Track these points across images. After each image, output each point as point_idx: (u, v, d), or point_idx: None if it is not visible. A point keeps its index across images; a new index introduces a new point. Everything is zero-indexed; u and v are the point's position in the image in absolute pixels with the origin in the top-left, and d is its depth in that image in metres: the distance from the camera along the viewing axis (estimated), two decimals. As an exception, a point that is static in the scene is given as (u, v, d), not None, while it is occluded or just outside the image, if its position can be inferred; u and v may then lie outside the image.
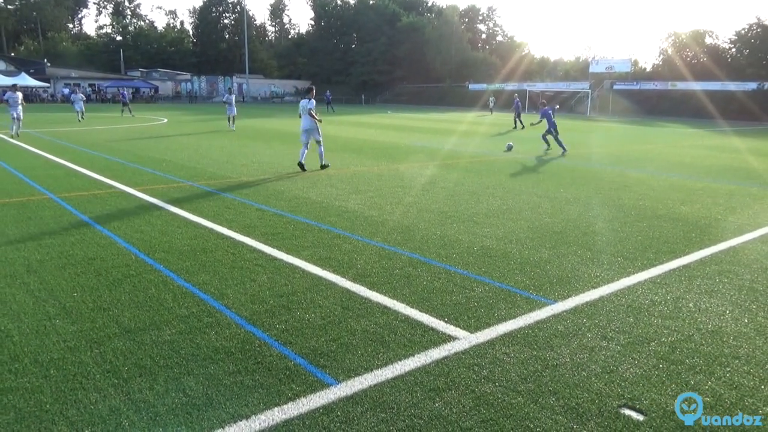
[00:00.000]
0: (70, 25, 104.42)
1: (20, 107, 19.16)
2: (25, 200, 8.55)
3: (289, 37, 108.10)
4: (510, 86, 68.14)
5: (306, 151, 12.18)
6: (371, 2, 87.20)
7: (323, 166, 12.44)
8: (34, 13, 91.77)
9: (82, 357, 3.63)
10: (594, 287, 5.12)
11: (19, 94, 19.30)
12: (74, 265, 5.43)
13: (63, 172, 11.47)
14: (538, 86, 65.36)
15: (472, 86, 71.91)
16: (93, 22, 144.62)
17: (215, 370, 3.50)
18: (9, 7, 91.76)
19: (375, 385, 3.36)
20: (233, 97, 24.75)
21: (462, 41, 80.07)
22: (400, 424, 2.98)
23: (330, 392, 3.28)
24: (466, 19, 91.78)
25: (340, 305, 4.57)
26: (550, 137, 17.83)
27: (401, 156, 15.72)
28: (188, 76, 78.51)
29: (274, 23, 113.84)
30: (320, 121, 12.33)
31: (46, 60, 72.20)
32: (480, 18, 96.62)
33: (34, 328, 4.05)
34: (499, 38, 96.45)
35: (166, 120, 31.70)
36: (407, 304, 4.60)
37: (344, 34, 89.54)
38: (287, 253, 5.92)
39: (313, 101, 12.13)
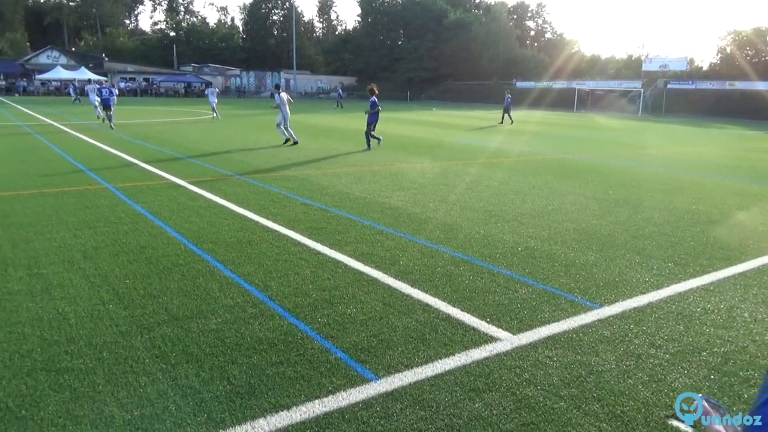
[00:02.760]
0: (127, 21, 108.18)
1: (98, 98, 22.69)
2: (84, 189, 8.92)
3: (336, 33, 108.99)
4: (558, 84, 66.78)
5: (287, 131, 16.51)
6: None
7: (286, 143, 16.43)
8: (94, 9, 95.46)
9: (133, 342, 3.76)
10: (642, 293, 4.97)
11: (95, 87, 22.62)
12: (127, 253, 5.63)
13: (118, 163, 11.91)
14: (588, 84, 63.82)
15: (520, 84, 70.78)
16: (148, 18, 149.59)
17: (258, 360, 3.57)
18: (71, 3, 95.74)
19: (415, 383, 3.36)
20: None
21: (510, 38, 78.85)
22: (439, 423, 2.98)
23: (370, 387, 3.29)
24: (515, 16, 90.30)
25: (382, 302, 4.58)
26: None
27: (446, 153, 15.63)
28: (237, 71, 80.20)
29: (321, 19, 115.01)
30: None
31: (104, 55, 75.04)
32: (529, 15, 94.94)
33: (89, 312, 4.23)
34: (548, 35, 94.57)
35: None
36: (449, 303, 4.58)
37: (391, 31, 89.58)
38: (330, 248, 5.98)
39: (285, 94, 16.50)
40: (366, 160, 13.35)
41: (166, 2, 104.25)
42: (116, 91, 28.51)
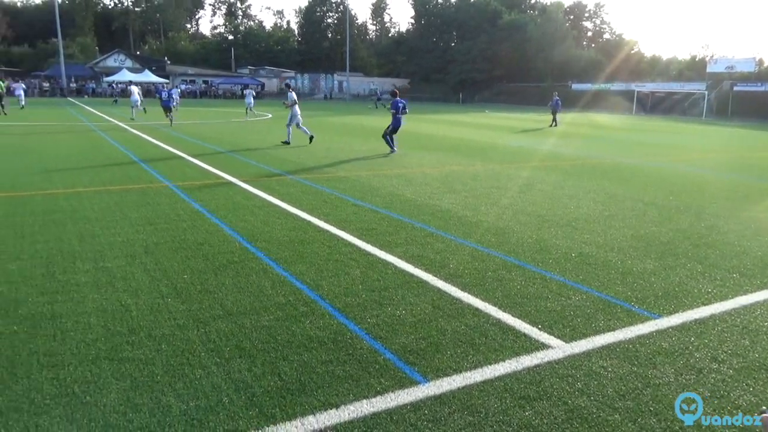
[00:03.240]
0: (188, 26, 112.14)
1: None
2: (146, 187, 9.30)
3: (389, 35, 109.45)
4: (616, 86, 64.80)
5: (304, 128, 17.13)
6: (472, 0, 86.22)
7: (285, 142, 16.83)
8: (158, 15, 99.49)
9: (190, 335, 3.89)
10: (704, 304, 4.76)
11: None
12: (185, 249, 5.83)
13: (178, 162, 12.35)
14: (648, 86, 61.61)
15: (575, 86, 69.07)
16: (208, 22, 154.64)
17: (309, 357, 3.63)
18: (137, 9, 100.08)
19: (464, 387, 3.33)
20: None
21: (566, 39, 77.11)
22: (487, 430, 2.94)
23: (418, 390, 3.29)
24: (571, 17, 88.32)
25: (431, 304, 4.57)
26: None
27: (498, 156, 15.44)
28: (292, 73, 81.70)
29: (375, 22, 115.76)
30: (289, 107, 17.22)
31: (166, 58, 78.04)
32: (586, 15, 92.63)
33: (149, 304, 4.40)
34: (606, 36, 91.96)
35: (270, 115, 33.17)
36: (499, 308, 4.52)
37: (444, 33, 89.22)
38: (381, 249, 6.00)
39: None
40: (417, 162, 13.34)
41: (225, 7, 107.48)
42: (179, 92, 29.79)
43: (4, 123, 22.89)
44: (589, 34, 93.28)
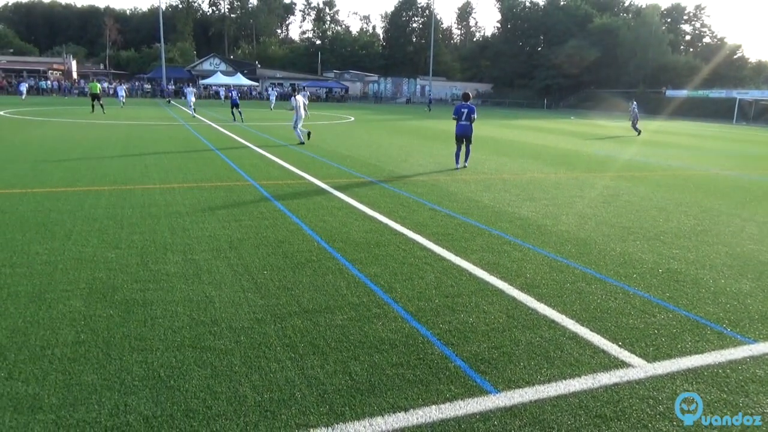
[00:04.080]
0: (279, 31, 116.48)
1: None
2: (232, 185, 9.75)
3: (474, 39, 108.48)
4: (715, 93, 60.77)
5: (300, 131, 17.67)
6: (561, 3, 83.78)
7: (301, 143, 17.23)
8: (251, 21, 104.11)
9: (267, 329, 4.04)
10: (809, 331, 4.36)
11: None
12: (266, 246, 6.06)
13: (263, 162, 12.85)
14: (752, 94, 57.29)
15: (670, 92, 65.44)
16: (297, 27, 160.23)
17: (380, 359, 3.66)
18: (232, 15, 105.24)
19: (536, 401, 3.24)
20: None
21: (662, 43, 73.27)
22: (559, 446, 2.85)
23: (488, 400, 3.24)
24: (668, 20, 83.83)
25: (506, 313, 4.48)
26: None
27: (582, 164, 14.90)
28: (375, 77, 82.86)
29: (460, 26, 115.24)
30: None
31: (257, 62, 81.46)
32: (685, 18, 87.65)
33: (231, 297, 4.61)
34: (706, 39, 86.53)
35: (353, 118, 33.83)
36: (577, 321, 4.36)
37: (530, 37, 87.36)
38: (456, 255, 5.96)
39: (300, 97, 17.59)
40: (496, 168, 13.13)
41: (314, 12, 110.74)
42: (238, 93, 31.55)
43: (107, 121, 24.77)
44: (687, 37, 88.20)
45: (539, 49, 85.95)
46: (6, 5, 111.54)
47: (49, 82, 62.04)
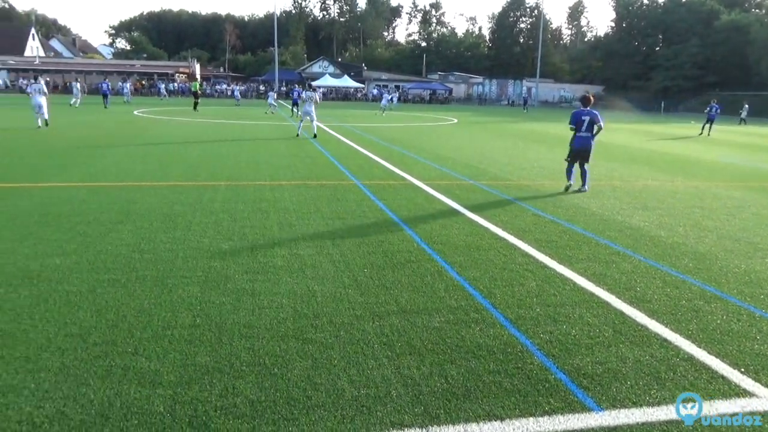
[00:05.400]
0: (385, 33, 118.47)
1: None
2: (337, 184, 10.05)
3: (585, 39, 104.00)
4: None
5: (302, 124, 19.38)
6: (683, 0, 78.02)
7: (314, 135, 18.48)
8: (359, 24, 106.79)
9: (365, 326, 4.13)
10: None
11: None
12: (368, 245, 6.19)
13: (366, 162, 13.13)
14: None
15: (811, 95, 58.75)
16: (403, 30, 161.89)
17: (476, 365, 3.61)
18: (341, 19, 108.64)
19: (644, 424, 3.05)
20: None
21: (804, 40, 65.89)
22: (669, 474, 2.66)
23: (591, 417, 3.09)
24: (812, 14, 75.24)
25: (612, 327, 4.25)
26: None
27: (703, 172, 13.79)
28: (480, 79, 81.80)
29: (570, 26, 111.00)
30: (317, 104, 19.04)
31: (363, 64, 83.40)
32: (832, 11, 78.17)
33: (332, 293, 4.76)
34: None
35: (456, 120, 33.65)
36: (693, 342, 4.05)
37: (648, 36, 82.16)
38: (559, 263, 5.75)
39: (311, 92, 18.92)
40: (606, 174, 12.49)
41: (421, 15, 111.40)
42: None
43: (221, 120, 26.45)
44: (835, 33, 78.59)
45: (657, 49, 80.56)
46: (141, 14, 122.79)
47: (176, 84, 67.45)
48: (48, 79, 64.76)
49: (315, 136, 18.52)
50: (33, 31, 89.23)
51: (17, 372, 3.33)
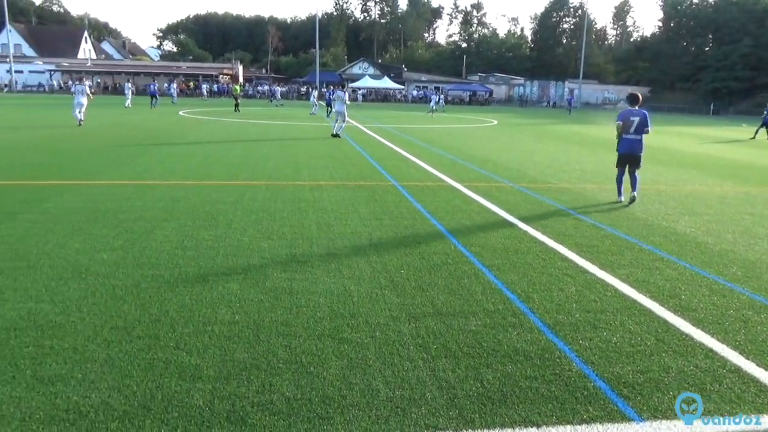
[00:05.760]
0: (426, 35, 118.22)
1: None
2: (375, 184, 10.09)
3: (631, 40, 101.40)
4: None
5: (336, 124, 19.40)
6: (735, -1, 75.24)
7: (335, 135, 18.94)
8: (400, 26, 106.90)
9: (401, 327, 4.13)
10: None
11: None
12: (404, 246, 6.19)
13: (404, 163, 13.14)
14: None
15: None
16: (444, 31, 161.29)
17: (513, 370, 3.57)
18: (382, 21, 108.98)
19: (686, 435, 2.95)
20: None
21: None
22: (713, 489, 2.57)
23: (631, 427, 3.01)
24: None
25: (655, 336, 4.13)
26: None
27: (755, 177, 13.26)
28: (521, 80, 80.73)
29: (616, 26, 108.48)
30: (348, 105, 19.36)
31: (403, 66, 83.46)
32: None
33: (369, 293, 4.77)
34: None
35: (496, 122, 33.31)
36: (741, 354, 3.90)
37: (697, 36, 79.51)
38: (600, 268, 5.62)
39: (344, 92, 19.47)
40: (651, 178, 12.15)
41: (462, 15, 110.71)
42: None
43: (265, 121, 26.87)
44: None
45: (706, 49, 77.88)
46: (188, 17, 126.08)
47: (219, 84, 69.02)
48: (99, 80, 67.23)
49: (337, 135, 18.93)
50: (86, 34, 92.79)
51: (65, 362, 3.46)
